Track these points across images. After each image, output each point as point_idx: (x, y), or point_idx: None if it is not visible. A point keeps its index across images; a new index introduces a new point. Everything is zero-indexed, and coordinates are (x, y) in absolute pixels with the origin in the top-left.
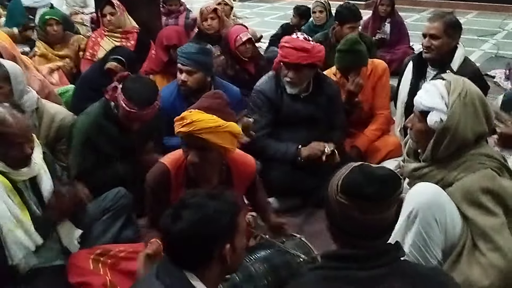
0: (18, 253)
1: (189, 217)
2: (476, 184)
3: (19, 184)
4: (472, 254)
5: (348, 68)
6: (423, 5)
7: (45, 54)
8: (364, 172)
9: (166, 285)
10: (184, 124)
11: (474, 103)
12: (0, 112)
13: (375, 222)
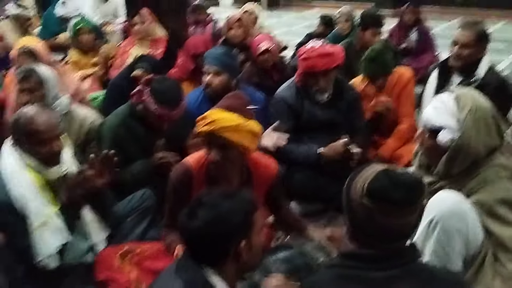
0: (44, 251)
1: (203, 215)
2: (492, 196)
3: (54, 182)
4: (493, 265)
5: (374, 76)
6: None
7: (77, 61)
8: (391, 177)
9: (185, 280)
10: (206, 123)
11: (486, 118)
12: (29, 111)
13: (398, 226)
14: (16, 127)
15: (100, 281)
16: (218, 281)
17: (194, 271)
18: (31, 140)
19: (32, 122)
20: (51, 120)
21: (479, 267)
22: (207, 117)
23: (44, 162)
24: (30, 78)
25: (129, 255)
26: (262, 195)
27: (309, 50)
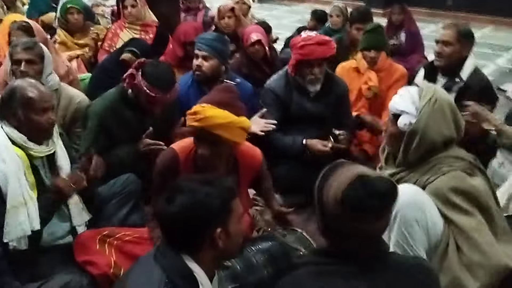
0: (12, 233)
1: (180, 200)
2: (446, 185)
3: (36, 161)
4: (456, 254)
5: (370, 47)
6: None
7: (65, 42)
8: (365, 185)
9: (164, 267)
10: (197, 119)
11: (443, 109)
12: (23, 82)
13: (371, 231)
14: (10, 99)
15: (79, 262)
16: (196, 268)
17: (173, 257)
18: (27, 110)
19: (29, 91)
20: (45, 91)
21: (443, 256)
22: (199, 112)
23: (35, 138)
24: (34, 50)
25: (109, 239)
26: (247, 183)
27: (305, 38)
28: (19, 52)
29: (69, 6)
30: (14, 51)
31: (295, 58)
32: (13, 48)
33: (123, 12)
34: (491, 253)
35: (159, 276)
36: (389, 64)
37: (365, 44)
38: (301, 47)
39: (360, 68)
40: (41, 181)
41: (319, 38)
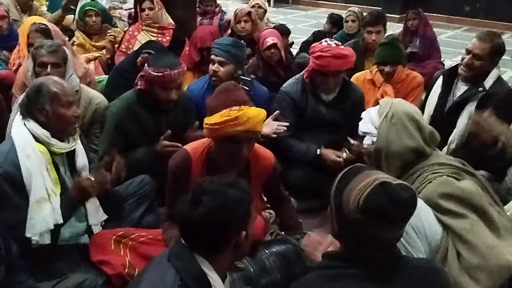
0: (36, 228)
1: (209, 203)
2: (434, 192)
3: (56, 158)
4: (456, 259)
5: (386, 62)
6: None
7: (82, 44)
8: (389, 193)
9: (177, 268)
10: (241, 122)
11: (402, 121)
12: (47, 79)
13: (389, 239)
14: (37, 95)
15: (95, 261)
16: (210, 270)
17: (187, 259)
18: (55, 104)
19: (54, 86)
20: (68, 86)
21: (443, 261)
22: (240, 116)
23: (58, 135)
24: (58, 53)
25: (124, 239)
26: (259, 186)
27: (324, 48)
28: (45, 55)
29: (87, 9)
30: (39, 54)
31: (311, 66)
32: (38, 50)
33: (140, 14)
34: (489, 254)
35: (173, 277)
36: (406, 75)
37: (380, 58)
38: (317, 57)
39: (376, 81)
40: (60, 178)
41: (337, 51)
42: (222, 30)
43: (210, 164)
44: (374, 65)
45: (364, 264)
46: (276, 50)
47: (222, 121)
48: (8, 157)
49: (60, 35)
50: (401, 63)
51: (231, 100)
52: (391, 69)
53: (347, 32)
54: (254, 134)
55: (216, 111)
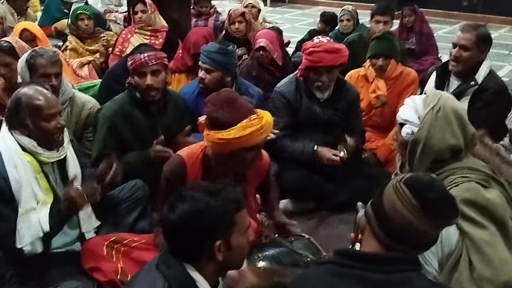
0: (26, 237)
1: (181, 209)
2: (458, 196)
3: (46, 167)
4: (467, 268)
5: (378, 55)
6: (456, 17)
7: (75, 48)
8: (434, 180)
9: (165, 275)
10: (265, 130)
11: (448, 117)
12: (28, 90)
13: (413, 227)
14: (17, 108)
15: (87, 269)
16: (198, 277)
17: (175, 266)
18: (35, 118)
19: (35, 99)
20: (51, 97)
21: (454, 267)
22: (264, 125)
23: (45, 144)
24: (59, 62)
25: (117, 245)
26: (255, 187)
27: (316, 44)
28: (48, 66)
29: (79, 12)
30: (41, 64)
31: (304, 63)
32: (38, 60)
33: (133, 17)
34: (502, 270)
35: (161, 284)
36: (400, 71)
37: (373, 51)
38: (309, 53)
39: (368, 76)
40: (51, 187)
41: (329, 45)
42: (217, 31)
43: (206, 170)
44: (368, 61)
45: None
46: (265, 53)
47: (249, 133)
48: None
49: (47, 42)
50: (394, 57)
51: (245, 110)
52: (384, 62)
53: (342, 31)
54: (264, 139)
55: (234, 125)
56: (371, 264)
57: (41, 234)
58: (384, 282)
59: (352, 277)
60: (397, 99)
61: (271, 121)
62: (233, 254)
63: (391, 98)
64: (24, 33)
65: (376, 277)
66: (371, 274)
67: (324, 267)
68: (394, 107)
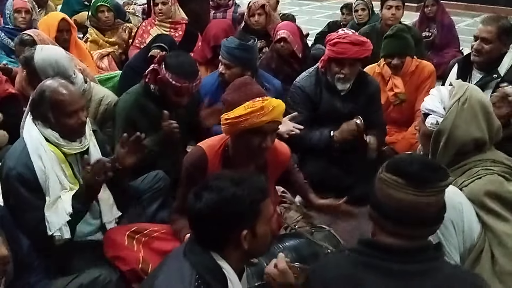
0: (55, 224)
1: (207, 198)
2: (481, 189)
3: (70, 157)
4: (489, 261)
5: (392, 54)
6: (477, 10)
7: (96, 40)
8: (410, 155)
9: (192, 263)
10: (267, 112)
11: (474, 109)
12: (52, 84)
13: (411, 205)
14: (40, 102)
15: (109, 258)
16: (224, 264)
17: (202, 254)
18: (57, 113)
19: (59, 94)
20: (75, 91)
21: (476, 260)
22: (266, 106)
23: (67, 136)
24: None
25: (138, 235)
26: (275, 180)
27: (341, 35)
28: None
29: (99, 4)
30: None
31: (327, 54)
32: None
33: (153, 9)
34: None
35: (189, 272)
36: (416, 66)
37: (386, 51)
38: (334, 44)
39: (384, 74)
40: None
41: (355, 37)
42: (236, 23)
43: (227, 162)
44: (382, 58)
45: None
46: (286, 44)
47: (247, 112)
48: (21, 159)
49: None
50: (408, 54)
51: (252, 93)
52: (399, 61)
53: (357, 22)
54: (277, 124)
55: (237, 105)
56: (394, 255)
57: (67, 218)
58: (406, 272)
59: (374, 267)
60: (414, 94)
61: (277, 107)
62: (258, 243)
63: (409, 93)
64: (62, 22)
65: (398, 268)
66: (394, 264)
67: (347, 256)
68: (412, 102)
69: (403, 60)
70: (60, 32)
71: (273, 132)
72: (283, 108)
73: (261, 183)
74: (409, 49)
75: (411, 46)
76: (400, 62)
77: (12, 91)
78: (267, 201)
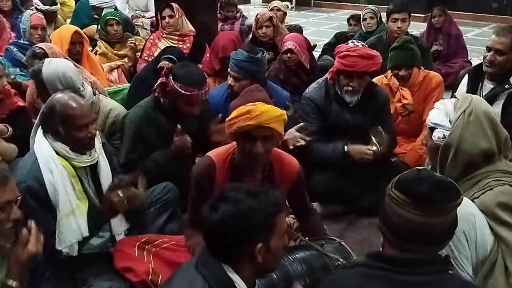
0: (66, 240)
1: (224, 210)
2: (493, 200)
3: (79, 171)
4: (503, 273)
5: (400, 65)
6: (485, 20)
7: (105, 53)
8: (420, 173)
9: (204, 275)
10: (253, 116)
11: (480, 121)
12: (63, 97)
13: (421, 225)
14: (51, 115)
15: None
16: (237, 278)
17: (214, 267)
18: (67, 126)
19: (69, 107)
20: (86, 105)
21: (489, 273)
22: (253, 110)
23: (77, 149)
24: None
25: (148, 246)
26: (284, 193)
27: (351, 48)
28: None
29: (108, 18)
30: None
31: (336, 66)
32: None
33: (161, 22)
34: None
35: (201, 285)
36: (423, 77)
37: (393, 62)
38: (343, 56)
39: (392, 86)
40: (85, 191)
41: (364, 51)
42: (244, 35)
43: (234, 171)
44: (389, 70)
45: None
46: (293, 55)
47: (235, 115)
48: (31, 172)
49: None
50: (415, 65)
51: (252, 98)
52: (406, 72)
53: (366, 31)
54: (267, 130)
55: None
56: (402, 267)
57: (80, 238)
58: (414, 284)
59: (381, 279)
60: (422, 104)
61: (265, 112)
62: (271, 257)
63: (417, 104)
64: (75, 34)
65: (406, 279)
66: (401, 276)
67: (355, 269)
68: (420, 113)
69: (410, 71)
70: (73, 45)
71: (265, 140)
72: (274, 114)
73: (276, 197)
74: (416, 60)
75: (417, 57)
76: (407, 73)
77: (21, 104)
78: (281, 216)
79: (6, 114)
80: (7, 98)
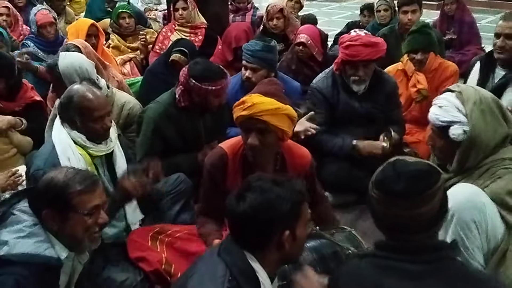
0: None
1: (251, 199)
2: (503, 189)
3: (95, 160)
4: None
5: (417, 49)
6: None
7: (117, 46)
8: (395, 168)
9: (227, 262)
10: (245, 107)
11: (491, 108)
12: (80, 89)
13: (408, 218)
14: (68, 105)
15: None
16: (258, 267)
17: (237, 254)
18: (84, 118)
19: (86, 99)
20: (102, 97)
21: (500, 260)
22: (247, 101)
23: (94, 139)
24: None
25: (160, 236)
26: None
27: (353, 38)
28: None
29: (120, 11)
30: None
31: (340, 57)
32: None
33: (174, 14)
34: None
35: (223, 271)
36: (439, 63)
37: (410, 46)
38: (346, 47)
39: (407, 71)
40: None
41: (367, 39)
42: (255, 26)
43: (246, 162)
44: (405, 54)
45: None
46: (305, 49)
47: (234, 105)
48: (49, 160)
49: (91, 57)
50: (432, 50)
51: (262, 90)
52: (423, 56)
53: (379, 22)
54: (261, 123)
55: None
56: (408, 255)
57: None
58: (420, 271)
59: (389, 268)
60: (435, 92)
61: (258, 105)
62: (296, 245)
63: (430, 91)
64: (92, 27)
65: (412, 267)
66: (407, 264)
67: (364, 260)
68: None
69: (427, 56)
70: (89, 37)
71: (260, 131)
72: (267, 107)
73: (301, 185)
74: (433, 45)
75: (434, 42)
76: (424, 58)
77: (37, 98)
78: (305, 204)
79: (22, 107)
80: (24, 92)
